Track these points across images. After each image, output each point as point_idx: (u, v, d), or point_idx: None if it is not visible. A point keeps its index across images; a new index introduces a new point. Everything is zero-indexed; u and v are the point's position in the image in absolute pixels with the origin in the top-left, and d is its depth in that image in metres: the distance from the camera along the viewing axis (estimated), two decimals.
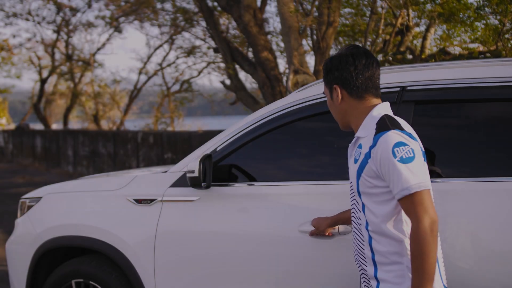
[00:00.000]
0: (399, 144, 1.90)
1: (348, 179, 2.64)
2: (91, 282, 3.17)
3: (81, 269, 3.21)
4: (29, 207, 3.62)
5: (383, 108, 2.08)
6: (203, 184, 2.80)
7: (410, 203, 1.89)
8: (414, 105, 2.53)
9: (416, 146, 1.93)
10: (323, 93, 2.24)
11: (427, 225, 1.85)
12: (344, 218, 2.45)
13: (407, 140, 1.92)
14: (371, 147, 1.97)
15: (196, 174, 2.75)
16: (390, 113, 2.07)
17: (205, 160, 2.81)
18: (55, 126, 26.53)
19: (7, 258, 3.67)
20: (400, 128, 1.95)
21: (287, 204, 2.72)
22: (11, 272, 3.62)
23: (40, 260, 3.42)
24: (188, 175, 2.78)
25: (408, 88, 2.57)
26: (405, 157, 1.89)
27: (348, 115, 2.13)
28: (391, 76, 2.65)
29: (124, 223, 3.10)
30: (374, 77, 2.10)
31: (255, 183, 2.88)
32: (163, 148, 12.43)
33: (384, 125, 1.97)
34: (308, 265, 2.59)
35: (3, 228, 7.98)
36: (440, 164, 2.47)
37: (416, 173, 1.89)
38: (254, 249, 2.74)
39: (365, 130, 2.04)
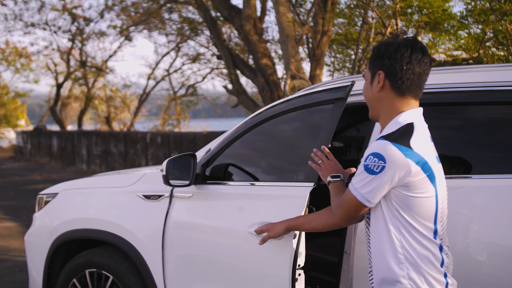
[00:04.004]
0: (377, 155, 1.73)
1: None
2: (103, 272, 3.17)
3: (94, 260, 3.20)
4: (46, 202, 3.62)
5: (411, 116, 1.83)
6: (170, 181, 2.80)
7: (347, 197, 1.84)
8: None
9: (397, 169, 1.72)
10: (363, 76, 1.99)
11: (337, 220, 1.92)
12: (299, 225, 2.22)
13: (392, 158, 1.71)
14: None
15: (164, 172, 2.79)
16: (417, 121, 1.83)
17: (192, 158, 2.82)
18: (70, 127, 26.52)
19: (26, 250, 3.67)
20: (404, 145, 1.73)
21: (245, 203, 2.68)
22: (30, 262, 3.62)
23: (56, 251, 3.43)
24: (161, 173, 2.82)
25: None
26: (370, 167, 1.74)
27: (382, 107, 1.88)
28: None
29: (134, 217, 3.10)
30: (423, 75, 1.84)
31: (230, 183, 2.82)
32: (170, 147, 12.43)
33: (393, 134, 1.77)
34: (258, 263, 2.55)
35: (22, 222, 7.98)
36: None
37: (369, 187, 1.76)
38: (224, 243, 2.70)
39: (386, 133, 1.83)
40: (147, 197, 3.08)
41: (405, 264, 1.77)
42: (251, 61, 10.45)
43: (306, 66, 20.79)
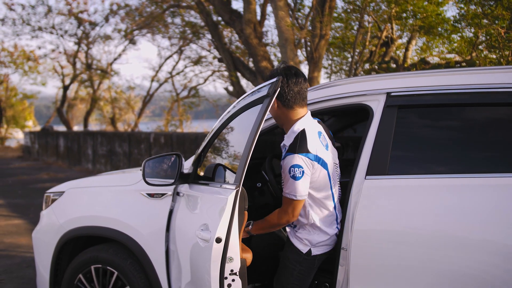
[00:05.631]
0: (295, 166, 2.37)
1: None
2: (108, 268, 3.17)
3: (99, 256, 3.21)
4: (53, 200, 3.62)
5: (303, 123, 2.46)
6: (146, 179, 2.86)
7: (287, 203, 2.44)
8: (398, 109, 2.53)
9: (308, 167, 2.40)
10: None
11: (283, 220, 2.47)
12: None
13: (304, 163, 2.38)
14: (282, 158, 2.45)
15: (141, 172, 2.86)
16: (309, 126, 2.45)
17: (177, 158, 2.83)
18: (76, 128, 26.54)
19: (34, 246, 3.68)
20: (305, 152, 2.38)
21: (199, 206, 2.66)
22: (37, 259, 3.62)
23: (63, 248, 3.43)
24: (142, 172, 2.87)
25: (392, 94, 2.57)
26: (296, 176, 2.38)
27: (281, 120, 2.54)
28: (377, 83, 2.64)
29: (138, 214, 3.10)
30: (301, 90, 2.47)
31: (211, 183, 2.71)
32: (173, 147, 12.43)
33: (295, 146, 2.39)
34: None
35: (29, 219, 7.98)
36: (418, 161, 2.47)
37: (299, 188, 2.39)
38: (185, 245, 2.66)
39: (288, 141, 2.46)
40: (151, 195, 3.08)
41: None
42: (251, 64, 10.45)
43: (305, 69, 20.80)
